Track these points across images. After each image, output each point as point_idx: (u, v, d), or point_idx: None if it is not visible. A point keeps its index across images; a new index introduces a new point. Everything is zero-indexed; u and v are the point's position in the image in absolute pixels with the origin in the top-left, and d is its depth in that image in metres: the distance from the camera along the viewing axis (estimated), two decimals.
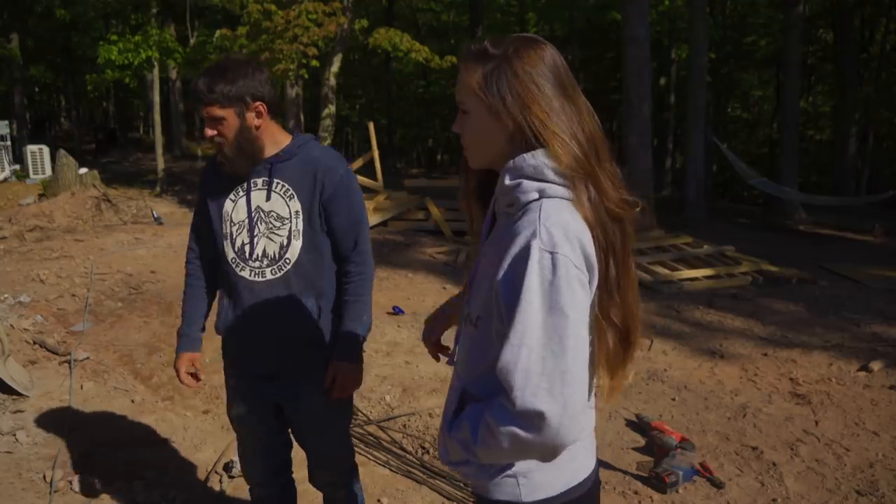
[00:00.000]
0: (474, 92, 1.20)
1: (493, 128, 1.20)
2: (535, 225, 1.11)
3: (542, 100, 1.16)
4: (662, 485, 2.98)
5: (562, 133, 1.16)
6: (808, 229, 11.74)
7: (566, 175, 1.15)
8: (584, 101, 1.22)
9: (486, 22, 20.91)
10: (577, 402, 1.07)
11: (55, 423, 3.41)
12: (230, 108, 1.86)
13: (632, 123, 9.32)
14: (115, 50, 13.05)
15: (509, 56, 1.18)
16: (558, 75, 1.19)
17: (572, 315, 1.08)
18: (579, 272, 1.10)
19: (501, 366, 1.09)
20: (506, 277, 1.12)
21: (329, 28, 10.88)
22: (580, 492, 1.27)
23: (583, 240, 1.12)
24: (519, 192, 1.17)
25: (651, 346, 4.95)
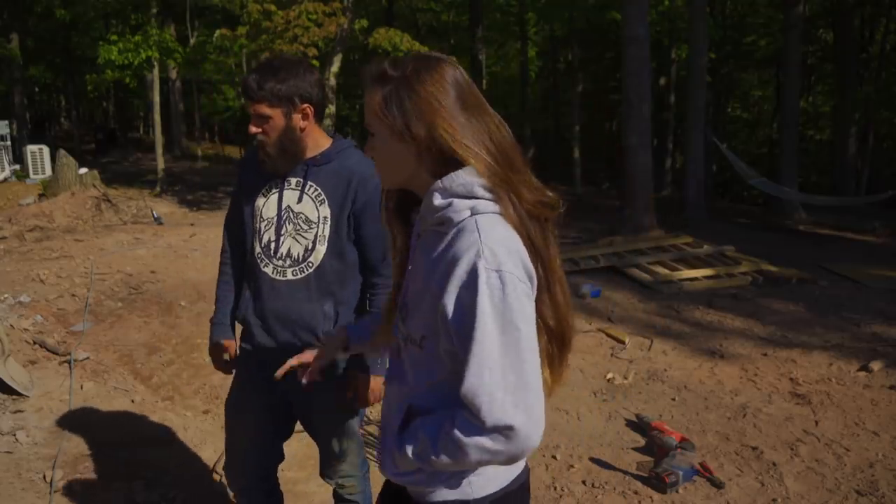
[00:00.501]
0: (377, 114, 1.22)
1: (400, 149, 1.21)
2: (478, 245, 1.12)
3: (447, 115, 1.17)
4: (662, 485, 2.98)
5: (473, 146, 1.17)
6: (808, 229, 11.73)
7: (492, 189, 1.18)
8: (492, 113, 1.23)
9: (486, 22, 20.89)
10: (539, 407, 1.12)
11: (55, 423, 3.41)
12: (278, 108, 1.85)
13: (632, 123, 9.31)
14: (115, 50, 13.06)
15: (408, 76, 1.18)
16: (460, 91, 1.19)
17: (524, 328, 1.12)
18: (525, 285, 1.14)
19: (466, 390, 1.10)
20: (454, 300, 1.13)
21: (329, 28, 10.89)
22: (522, 479, 1.33)
23: (521, 252, 1.16)
24: (451, 211, 1.18)
25: (651, 346, 4.95)
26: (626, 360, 4.66)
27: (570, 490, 3.03)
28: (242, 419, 2.13)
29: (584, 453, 3.34)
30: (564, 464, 3.24)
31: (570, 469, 3.20)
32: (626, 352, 4.84)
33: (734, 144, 21.30)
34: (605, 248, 7.59)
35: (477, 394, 1.09)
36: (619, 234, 8.83)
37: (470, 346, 1.10)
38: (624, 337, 5.09)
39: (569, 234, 9.45)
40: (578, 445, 3.42)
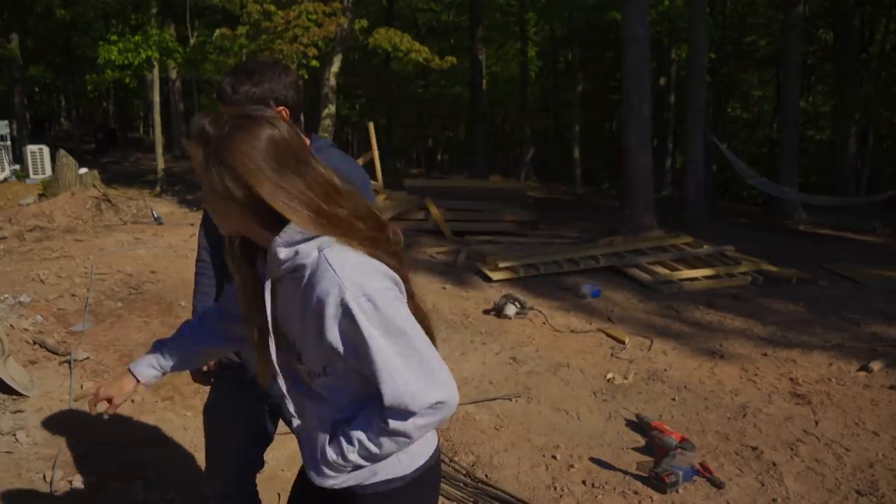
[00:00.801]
0: (200, 172, 1.24)
1: (225, 205, 1.24)
2: (337, 281, 1.20)
3: (262, 177, 1.20)
4: (662, 485, 2.98)
5: (292, 202, 1.21)
6: (808, 229, 11.73)
7: (324, 231, 1.23)
8: (312, 162, 1.26)
9: (486, 22, 20.88)
10: (446, 373, 1.27)
11: (55, 423, 3.41)
12: None
13: (632, 123, 9.31)
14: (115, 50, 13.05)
15: (224, 138, 1.21)
16: (275, 151, 1.21)
17: (407, 327, 1.24)
18: (391, 292, 1.24)
19: (389, 399, 1.22)
20: (338, 335, 1.23)
21: (329, 28, 10.89)
22: (437, 455, 1.47)
23: (375, 265, 1.25)
24: (299, 258, 1.24)
25: (651, 346, 4.95)
26: (626, 360, 4.66)
27: (570, 490, 3.03)
28: (221, 426, 2.11)
29: (584, 453, 3.34)
30: (564, 464, 3.24)
31: (570, 469, 3.20)
32: (626, 352, 4.84)
33: (734, 144, 21.29)
34: (605, 248, 7.59)
35: (399, 397, 1.21)
36: (619, 234, 8.83)
37: (373, 365, 1.21)
38: (624, 337, 5.09)
39: (569, 234, 9.45)
40: (578, 445, 3.42)
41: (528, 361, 4.56)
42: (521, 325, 5.33)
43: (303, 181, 1.23)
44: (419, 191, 10.22)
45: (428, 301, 5.87)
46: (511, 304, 5.46)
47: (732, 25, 20.33)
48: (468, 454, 3.30)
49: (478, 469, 3.17)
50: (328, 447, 1.32)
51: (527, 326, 5.33)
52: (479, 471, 3.15)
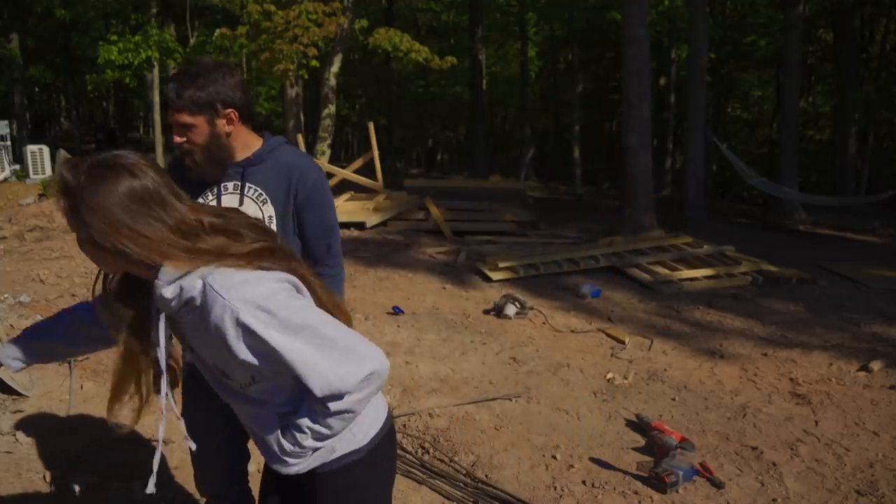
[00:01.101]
0: (68, 221, 1.26)
1: (100, 253, 1.26)
2: (227, 305, 1.22)
3: (123, 229, 1.21)
4: (662, 485, 2.98)
5: (159, 248, 1.23)
6: (808, 229, 11.73)
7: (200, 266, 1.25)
8: (174, 202, 1.26)
9: (486, 22, 20.88)
10: (366, 344, 1.30)
11: (55, 423, 3.41)
12: (200, 116, 1.82)
13: (632, 123, 9.31)
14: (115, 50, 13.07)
15: (82, 191, 1.22)
16: (134, 200, 1.22)
17: (310, 319, 1.26)
18: (283, 293, 1.27)
19: (320, 392, 1.26)
20: (248, 352, 1.26)
21: (329, 28, 10.89)
22: (390, 422, 1.55)
23: (259, 276, 1.27)
24: (186, 292, 1.25)
25: (651, 346, 4.95)
26: (626, 360, 4.66)
27: (570, 490, 3.03)
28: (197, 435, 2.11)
29: (584, 453, 3.34)
30: (564, 464, 3.24)
31: (570, 469, 3.20)
32: (626, 352, 4.84)
33: (734, 144, 21.30)
34: (605, 248, 7.59)
35: (328, 386, 1.25)
36: (619, 234, 8.83)
37: (291, 366, 1.25)
38: (624, 337, 5.09)
39: (569, 234, 9.45)
40: (578, 445, 3.42)
41: (528, 361, 4.56)
42: (521, 325, 5.33)
43: (165, 226, 1.24)
44: (419, 191, 10.22)
45: (428, 301, 5.88)
46: (511, 304, 5.46)
47: (732, 25, 20.33)
48: (468, 454, 3.30)
49: (478, 469, 3.17)
50: (283, 440, 1.37)
51: (527, 326, 5.33)
52: (479, 471, 3.15)
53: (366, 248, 8.03)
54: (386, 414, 1.54)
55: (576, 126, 18.67)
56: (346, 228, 9.44)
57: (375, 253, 7.79)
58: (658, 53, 17.05)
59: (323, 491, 1.47)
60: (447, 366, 4.43)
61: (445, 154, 31.63)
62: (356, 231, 9.21)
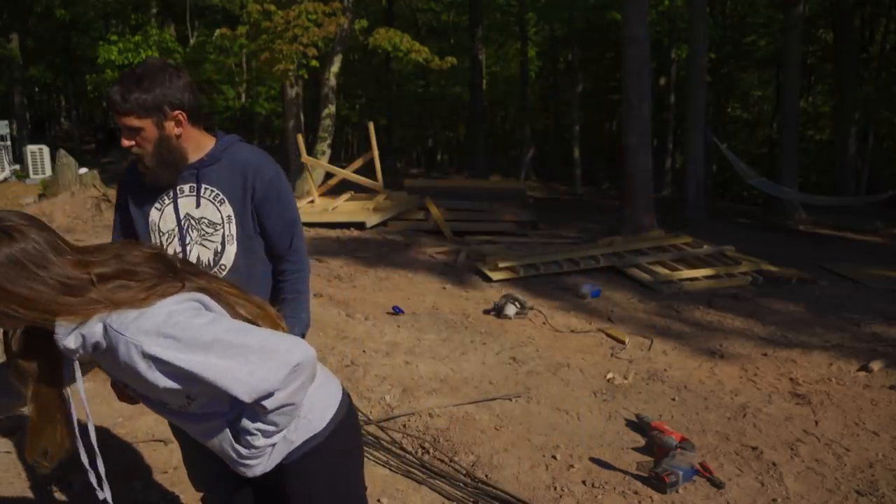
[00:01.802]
0: None
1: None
2: (130, 343, 1.24)
3: (4, 292, 1.21)
4: (662, 485, 2.98)
5: (45, 307, 1.23)
6: (808, 229, 11.74)
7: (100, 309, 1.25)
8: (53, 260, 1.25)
9: (486, 22, 20.88)
10: (282, 341, 1.32)
11: None
12: (147, 119, 1.77)
13: (632, 123, 9.31)
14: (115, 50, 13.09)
15: None
16: (12, 262, 1.22)
17: (216, 333, 1.27)
18: (183, 315, 1.27)
19: (249, 398, 1.28)
20: (165, 378, 1.27)
21: (329, 28, 10.89)
22: (347, 402, 1.58)
23: (154, 306, 1.27)
24: (90, 338, 1.26)
25: (651, 346, 4.95)
26: (626, 360, 4.66)
27: (570, 490, 3.03)
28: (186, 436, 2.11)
29: (584, 453, 3.34)
30: (564, 464, 3.24)
31: (570, 469, 3.20)
32: (626, 352, 4.84)
33: (734, 144, 21.29)
34: (605, 248, 7.59)
35: (254, 390, 1.27)
36: (619, 234, 8.83)
37: (211, 382, 1.26)
38: (624, 337, 5.09)
39: (569, 234, 9.45)
40: (578, 445, 3.42)
41: (528, 361, 4.56)
42: (521, 325, 5.33)
43: (47, 286, 1.24)
44: (419, 191, 10.22)
45: (428, 301, 5.88)
46: (511, 304, 5.46)
47: (732, 25, 20.32)
48: (468, 454, 3.30)
49: (478, 469, 3.17)
50: (237, 446, 1.40)
51: (527, 326, 5.33)
52: (479, 471, 3.15)
53: (366, 248, 8.03)
54: (341, 395, 1.57)
55: (576, 126, 18.67)
56: (346, 228, 9.45)
57: (375, 253, 7.79)
58: (658, 53, 17.05)
59: (291, 480, 1.50)
60: (447, 366, 4.42)
61: (445, 154, 31.62)
62: (356, 231, 9.21)
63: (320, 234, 9.12)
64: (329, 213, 9.74)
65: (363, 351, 4.61)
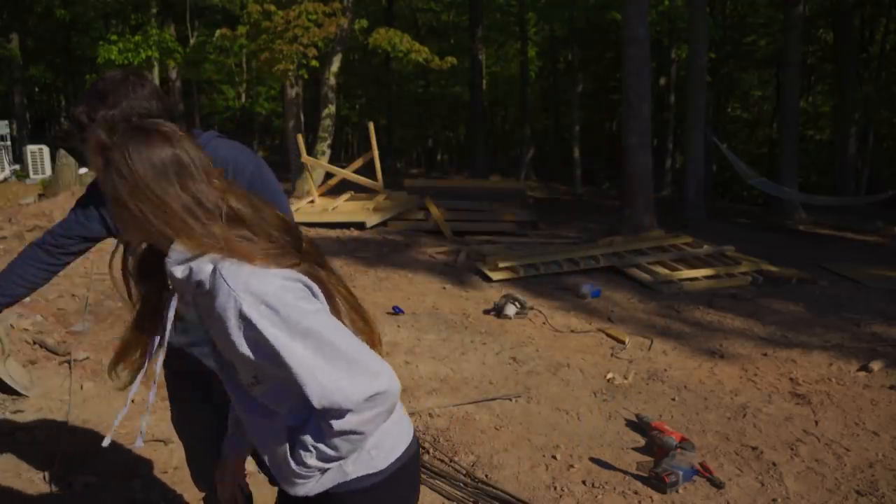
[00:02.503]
0: (101, 180, 1.26)
1: (124, 212, 1.25)
2: (232, 294, 1.19)
3: (148, 194, 1.21)
4: (662, 485, 2.98)
5: (173, 220, 1.22)
6: (808, 229, 11.73)
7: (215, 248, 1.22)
8: (213, 178, 1.27)
9: (486, 22, 20.87)
10: (376, 361, 1.23)
11: (55, 423, 3.41)
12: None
13: (632, 123, 9.31)
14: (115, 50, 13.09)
15: (117, 150, 1.23)
16: (163, 163, 1.23)
17: (317, 325, 1.20)
18: (292, 293, 1.22)
19: (318, 402, 1.19)
20: (247, 345, 1.21)
21: (329, 28, 10.89)
22: (415, 447, 1.45)
23: (270, 271, 1.22)
24: (195, 275, 1.23)
25: (651, 346, 4.95)
26: (626, 360, 4.66)
27: (570, 490, 3.03)
28: (191, 433, 2.12)
29: (584, 453, 3.34)
30: (564, 464, 3.24)
31: (570, 469, 3.20)
32: (626, 352, 4.84)
33: (734, 144, 21.28)
34: (605, 248, 7.59)
35: (327, 397, 1.19)
36: (619, 234, 8.83)
37: (290, 369, 1.19)
38: (624, 337, 5.09)
39: (569, 234, 9.45)
40: (578, 445, 3.42)
41: (528, 361, 4.56)
42: (521, 325, 5.33)
43: (184, 200, 1.23)
44: (419, 191, 10.22)
45: (428, 301, 5.87)
46: (511, 304, 5.46)
47: (732, 25, 20.32)
48: (468, 454, 3.30)
49: (478, 469, 3.17)
50: (290, 458, 1.32)
51: (527, 326, 5.33)
52: (479, 471, 3.15)
53: (366, 248, 8.02)
54: (411, 437, 1.45)
55: (576, 126, 18.66)
56: (346, 228, 9.44)
57: (375, 253, 7.79)
58: (658, 53, 17.04)
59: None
60: (447, 366, 4.43)
61: (445, 154, 31.60)
62: (356, 231, 9.21)
63: (320, 234, 9.11)
64: (329, 213, 9.74)
65: None
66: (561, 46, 22.31)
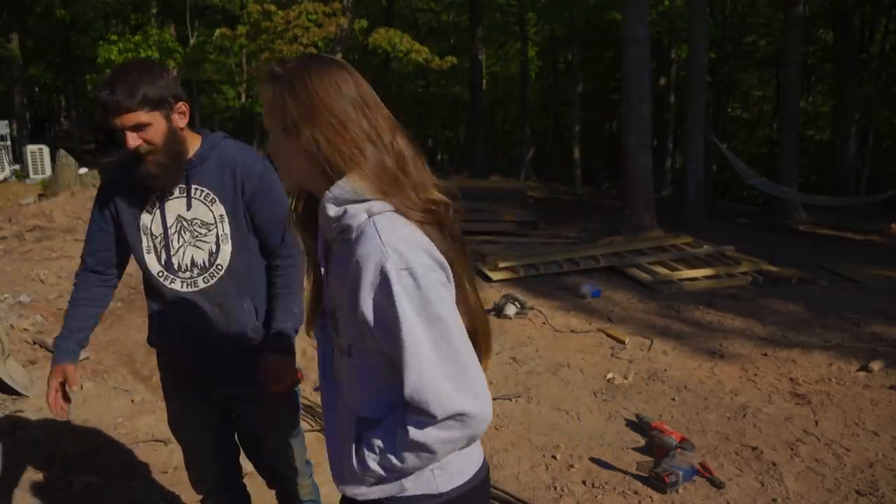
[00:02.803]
0: (268, 112, 1.22)
1: (290, 147, 1.21)
2: (381, 248, 1.12)
3: (329, 117, 1.17)
4: (662, 485, 2.98)
5: (356, 151, 1.17)
6: (808, 229, 11.73)
7: (381, 190, 1.17)
8: (385, 114, 1.23)
9: (486, 22, 20.87)
10: (482, 385, 1.16)
11: (55, 423, 3.41)
12: (156, 112, 1.76)
13: (632, 123, 9.31)
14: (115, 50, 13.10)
15: (294, 75, 1.19)
16: (347, 91, 1.19)
17: (449, 316, 1.13)
18: (437, 274, 1.14)
19: (410, 390, 1.12)
20: (372, 306, 1.14)
21: (329, 28, 10.90)
22: (483, 474, 1.35)
23: (425, 244, 1.15)
24: (347, 218, 1.18)
25: (651, 346, 4.95)
26: (626, 360, 4.66)
27: (570, 490, 3.03)
28: (190, 434, 2.11)
29: (584, 453, 3.34)
30: (564, 464, 3.24)
31: (570, 469, 3.20)
32: (626, 352, 4.84)
33: (734, 144, 21.28)
34: (605, 248, 7.59)
35: (421, 392, 1.11)
36: (619, 234, 8.83)
37: (402, 348, 1.11)
38: (624, 337, 5.09)
39: (569, 234, 9.45)
40: (578, 445, 3.42)
41: (528, 361, 4.56)
42: (521, 325, 5.33)
43: (372, 127, 1.19)
44: None
45: None
46: (511, 304, 5.45)
47: (732, 25, 20.32)
48: None
49: None
50: (353, 453, 1.24)
51: (527, 326, 5.33)
52: None
53: None
54: (480, 464, 1.34)
55: (576, 126, 18.66)
56: None
57: None
58: (658, 53, 17.04)
59: None
60: None
61: (445, 154, 31.59)
62: None
63: None
64: None
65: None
66: (561, 46, 22.31)
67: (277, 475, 2.21)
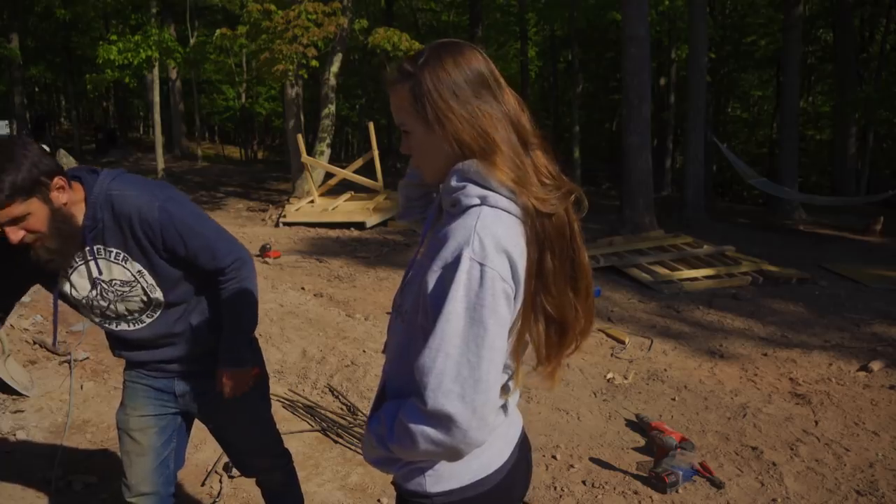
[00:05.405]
0: (407, 111, 1.21)
1: (433, 141, 1.20)
2: (470, 232, 1.12)
3: (466, 104, 1.17)
4: (662, 485, 2.98)
5: (491, 135, 1.17)
6: (808, 229, 11.73)
7: (507, 185, 1.16)
8: (512, 96, 1.23)
9: (486, 22, 20.88)
10: (487, 408, 1.12)
11: (55, 423, 3.41)
12: (32, 199, 1.59)
13: (632, 123, 9.31)
14: (115, 50, 13.08)
15: (427, 67, 1.19)
16: (478, 76, 1.20)
17: (492, 328, 1.11)
18: (505, 285, 1.12)
19: (418, 366, 1.11)
20: (434, 279, 1.13)
21: (329, 28, 10.88)
22: (491, 483, 1.29)
23: (512, 253, 1.13)
24: (462, 193, 1.18)
25: (651, 346, 4.95)
26: (626, 360, 4.66)
27: (570, 490, 3.03)
28: (136, 433, 2.04)
29: (584, 453, 3.34)
30: (564, 464, 3.24)
31: (570, 469, 3.20)
32: (626, 352, 4.84)
33: (734, 144, 21.29)
34: (605, 248, 7.59)
35: (426, 373, 1.10)
36: (619, 234, 8.83)
37: (435, 327, 1.11)
38: (624, 337, 5.09)
39: None
40: (578, 445, 3.42)
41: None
42: None
43: (505, 114, 1.20)
44: None
45: None
46: None
47: (732, 25, 20.33)
48: None
49: None
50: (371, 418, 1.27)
51: None
52: None
53: (366, 248, 8.03)
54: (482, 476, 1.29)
55: (576, 126, 18.66)
56: (346, 228, 9.45)
57: (375, 253, 7.79)
58: (658, 53, 17.05)
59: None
60: None
61: None
62: (356, 231, 9.21)
63: (320, 234, 9.12)
64: (329, 213, 9.74)
65: (363, 351, 4.61)
66: (561, 46, 22.32)
67: (246, 464, 2.21)
